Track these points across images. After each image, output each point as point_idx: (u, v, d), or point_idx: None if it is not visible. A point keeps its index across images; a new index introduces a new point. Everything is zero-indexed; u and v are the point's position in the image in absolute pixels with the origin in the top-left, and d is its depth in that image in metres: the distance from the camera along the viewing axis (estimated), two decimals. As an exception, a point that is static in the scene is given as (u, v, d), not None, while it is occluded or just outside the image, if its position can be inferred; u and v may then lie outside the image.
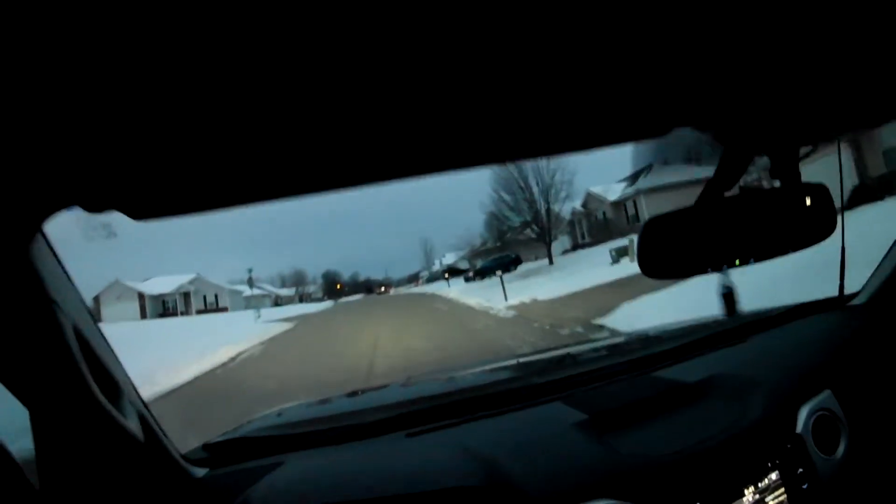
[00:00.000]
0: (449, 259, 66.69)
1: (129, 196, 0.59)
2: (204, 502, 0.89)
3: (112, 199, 0.59)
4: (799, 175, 0.82)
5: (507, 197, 28.87)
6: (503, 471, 0.84)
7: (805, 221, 0.83)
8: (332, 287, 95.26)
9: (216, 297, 47.92)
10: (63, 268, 0.70)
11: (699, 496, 0.83)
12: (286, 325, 21.94)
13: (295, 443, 1.06)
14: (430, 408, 1.12)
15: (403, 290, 59.73)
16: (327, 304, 41.03)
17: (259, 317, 28.80)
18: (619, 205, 33.00)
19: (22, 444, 0.69)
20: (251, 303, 51.57)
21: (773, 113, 0.73)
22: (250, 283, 26.34)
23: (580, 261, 23.53)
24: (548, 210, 27.76)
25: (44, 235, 0.64)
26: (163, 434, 0.86)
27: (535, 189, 27.68)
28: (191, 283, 48.45)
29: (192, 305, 47.29)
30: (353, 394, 1.67)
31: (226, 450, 1.05)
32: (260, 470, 0.94)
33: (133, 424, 0.77)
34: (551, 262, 25.82)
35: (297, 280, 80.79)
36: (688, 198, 0.88)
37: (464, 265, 57.73)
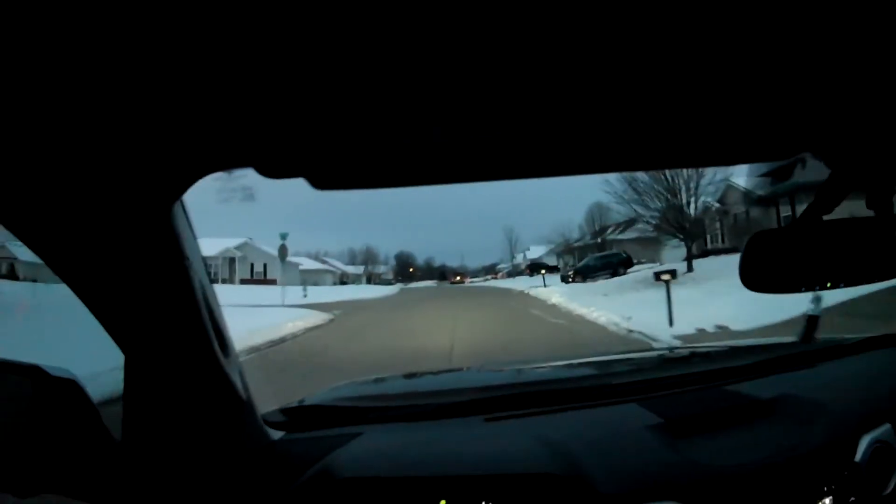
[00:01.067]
0: (534, 253, 59.92)
1: (314, 164, 0.65)
2: (279, 465, 0.90)
3: (296, 165, 0.64)
4: (892, 207, 0.84)
5: (618, 186, 21.42)
6: (577, 462, 0.87)
7: (894, 254, 0.86)
8: (404, 269, 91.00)
9: (265, 266, 42.47)
10: (193, 230, 0.73)
11: None
12: (322, 317, 14.60)
13: (372, 415, 1.07)
14: (508, 395, 1.15)
15: (480, 281, 53.63)
16: (392, 289, 35.52)
17: (305, 296, 24.31)
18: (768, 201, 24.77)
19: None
20: (309, 277, 47.33)
21: (888, 145, 0.76)
22: (282, 253, 20.34)
23: (723, 269, 15.88)
24: (692, 201, 20.16)
25: (181, 200, 0.68)
26: (250, 393, 0.87)
27: (675, 180, 20.00)
28: (238, 248, 43.81)
29: (236, 273, 42.83)
30: (429, 373, 1.77)
31: (303, 416, 1.07)
32: (337, 439, 0.96)
33: (235, 380, 0.81)
34: (690, 269, 18.13)
35: (367, 258, 76.84)
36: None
37: (551, 261, 50.74)
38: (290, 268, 45.63)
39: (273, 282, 36.20)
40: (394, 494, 0.84)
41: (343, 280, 63.78)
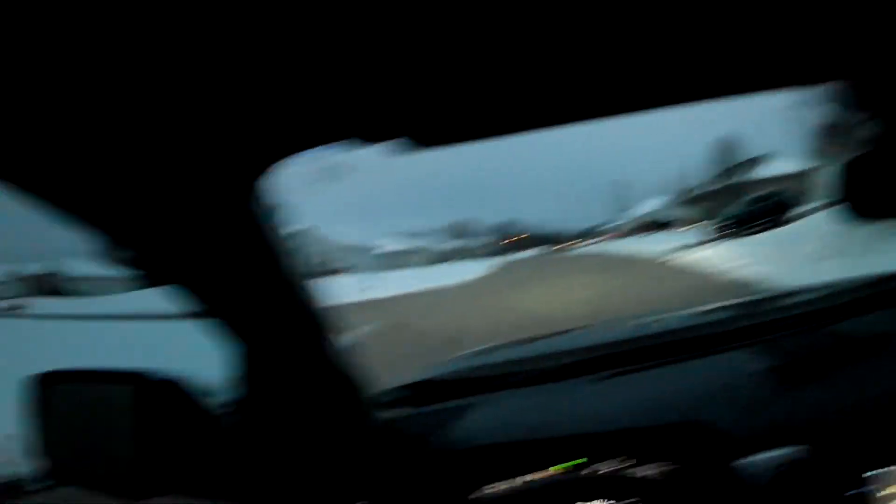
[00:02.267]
0: (647, 207, 52.30)
1: (416, 123, 0.59)
2: (400, 441, 0.90)
3: (398, 126, 0.59)
4: None
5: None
6: (692, 413, 0.86)
7: None
8: (509, 239, 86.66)
9: (324, 258, 37.99)
10: (282, 208, 0.71)
11: (873, 452, 0.80)
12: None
13: (485, 385, 1.07)
14: (617, 353, 1.13)
15: (590, 245, 44.42)
16: (480, 268, 29.48)
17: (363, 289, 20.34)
18: None
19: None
20: (394, 260, 44.01)
21: None
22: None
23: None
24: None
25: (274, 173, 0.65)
26: (364, 372, 0.87)
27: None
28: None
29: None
30: (532, 339, 1.65)
31: (414, 392, 1.08)
32: (451, 412, 0.97)
33: (345, 362, 0.80)
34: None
35: (460, 231, 73.32)
36: None
37: (672, 214, 43.32)
38: (360, 253, 42.50)
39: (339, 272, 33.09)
40: (514, 459, 0.84)
41: (441, 259, 60.85)
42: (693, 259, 13.92)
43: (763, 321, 1.21)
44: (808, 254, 9.62)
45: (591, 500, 0.82)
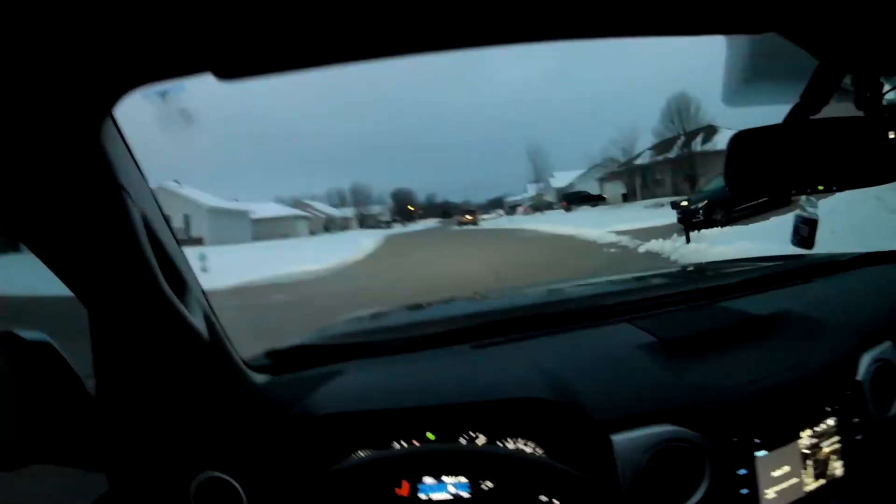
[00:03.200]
0: (561, 180, 48.00)
1: (216, 54, 0.53)
2: (263, 408, 0.89)
3: (199, 59, 0.52)
4: (883, 107, 0.80)
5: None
6: (569, 386, 0.84)
7: (887, 155, 0.80)
8: (402, 208, 79.63)
9: (186, 219, 28.33)
10: (132, 154, 0.66)
11: (759, 432, 0.83)
12: None
13: (358, 351, 1.05)
14: (497, 321, 1.11)
15: (504, 221, 38.15)
16: (370, 243, 22.48)
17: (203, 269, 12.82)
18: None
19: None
20: (275, 227, 35.50)
21: (874, 32, 0.71)
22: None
23: None
24: None
25: (114, 119, 0.60)
26: (227, 338, 0.85)
27: None
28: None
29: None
30: (419, 306, 1.60)
31: (288, 357, 1.03)
32: (321, 377, 0.94)
33: (199, 324, 0.75)
34: None
35: (358, 198, 64.96)
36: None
37: (590, 188, 39.04)
38: (233, 218, 33.31)
39: (200, 242, 24.05)
40: (378, 427, 0.83)
41: (327, 226, 52.50)
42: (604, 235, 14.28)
43: (653, 296, 1.20)
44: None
45: (450, 474, 0.80)
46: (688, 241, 10.01)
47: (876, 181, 0.82)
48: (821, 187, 0.81)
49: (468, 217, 43.04)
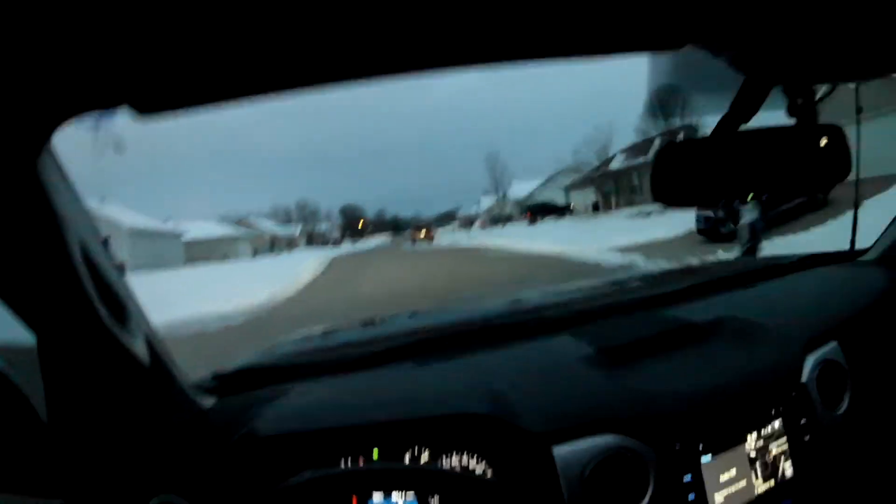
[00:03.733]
0: (520, 190, 45.98)
1: (137, 89, 0.55)
2: (210, 431, 0.89)
3: (120, 92, 0.54)
4: (815, 115, 0.82)
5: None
6: (509, 400, 0.85)
7: (819, 163, 0.82)
8: (352, 225, 76.23)
9: (106, 242, 23.88)
10: (69, 183, 0.66)
11: (703, 437, 0.85)
12: None
13: (303, 371, 1.05)
14: (438, 337, 1.13)
15: (462, 237, 33.30)
16: (313, 266, 19.30)
17: None
18: None
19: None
20: (212, 249, 31.56)
21: (798, 43, 0.72)
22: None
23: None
24: None
25: (50, 147, 0.60)
26: (171, 362, 0.85)
27: None
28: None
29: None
30: (362, 323, 1.61)
31: (234, 379, 1.03)
32: (267, 398, 0.94)
33: (140, 349, 0.76)
34: None
35: (305, 215, 61.11)
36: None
37: (554, 198, 37.36)
38: (160, 240, 28.99)
39: (119, 267, 19.78)
40: (326, 446, 0.84)
41: (272, 245, 48.51)
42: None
43: (595, 306, 1.21)
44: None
45: (399, 489, 0.82)
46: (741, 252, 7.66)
47: (808, 189, 0.85)
48: (750, 195, 0.83)
49: (422, 233, 35.64)
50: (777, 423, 0.89)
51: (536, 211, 34.41)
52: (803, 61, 0.76)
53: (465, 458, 0.84)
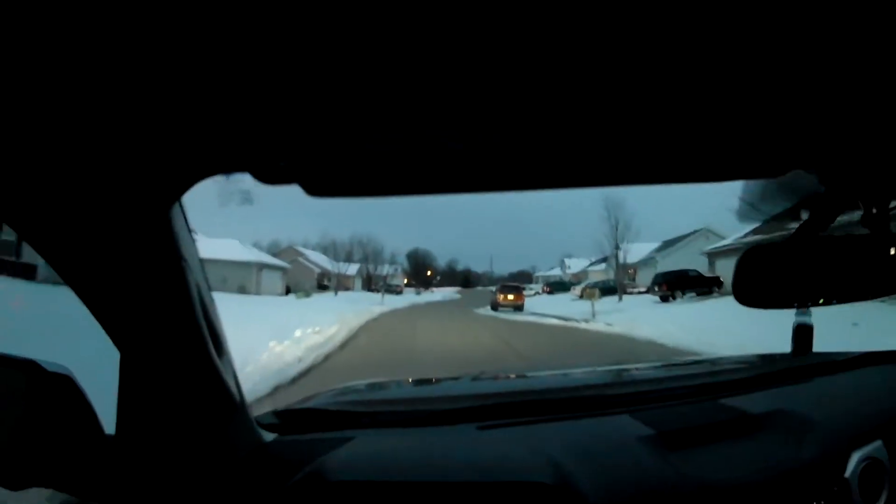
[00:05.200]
0: (634, 252, 36.57)
1: (308, 171, 0.69)
2: (269, 466, 0.91)
3: (291, 172, 0.68)
4: (889, 225, 0.87)
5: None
6: (570, 473, 0.87)
7: (889, 270, 0.87)
8: (419, 272, 68.84)
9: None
10: (191, 229, 0.76)
11: None
12: None
13: (365, 420, 1.08)
14: (501, 403, 1.14)
15: (546, 303, 25.56)
16: (364, 314, 14.27)
17: None
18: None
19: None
20: (213, 276, 24.42)
21: (882, 162, 0.80)
22: None
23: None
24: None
25: (181, 201, 0.71)
26: (243, 394, 0.90)
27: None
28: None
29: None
30: (425, 381, 1.69)
31: (296, 418, 1.07)
32: (329, 442, 0.96)
33: (230, 381, 0.83)
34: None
35: (367, 253, 53.92)
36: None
37: (692, 267, 27.44)
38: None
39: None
40: (383, 499, 0.86)
41: (322, 283, 41.25)
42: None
43: (654, 389, 1.23)
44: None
45: None
46: None
47: (876, 295, 0.88)
48: (821, 300, 0.87)
49: (509, 297, 22.29)
50: None
51: (675, 283, 23.76)
52: (882, 177, 0.81)
53: None
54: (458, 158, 0.69)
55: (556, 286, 40.92)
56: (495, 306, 21.94)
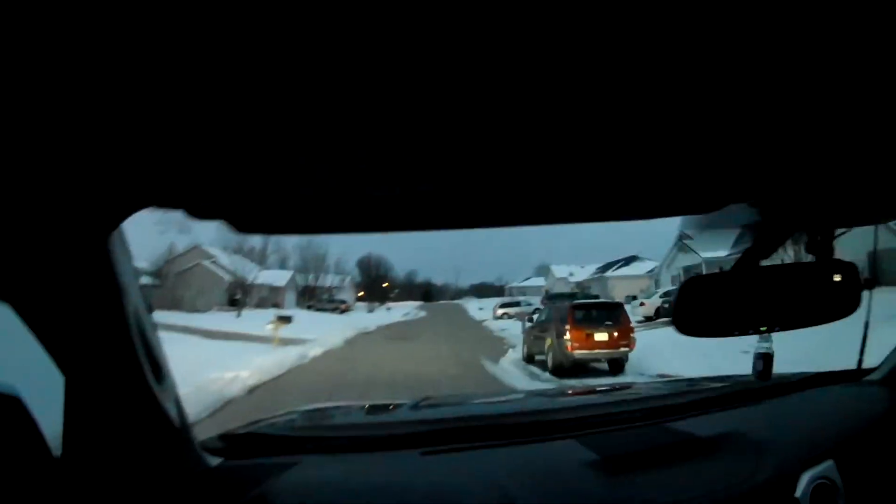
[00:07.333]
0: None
1: (237, 210, 0.70)
2: (215, 491, 0.91)
3: (220, 209, 0.70)
4: (832, 252, 0.88)
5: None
6: (514, 498, 0.87)
7: (833, 297, 0.88)
8: (373, 284, 57.54)
9: None
10: (131, 257, 0.78)
11: None
12: None
13: (311, 445, 1.07)
14: (446, 429, 1.16)
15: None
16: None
17: None
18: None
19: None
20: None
21: (821, 194, 0.81)
22: None
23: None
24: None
25: (120, 228, 0.73)
26: (187, 419, 0.90)
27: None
28: None
29: None
30: (372, 406, 1.64)
31: (241, 443, 1.07)
32: (274, 467, 0.96)
33: (170, 405, 0.83)
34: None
35: (309, 261, 42.34)
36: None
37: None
38: None
39: None
40: None
41: (233, 298, 29.55)
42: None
43: (601, 413, 1.23)
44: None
45: None
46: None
47: (819, 321, 0.88)
48: (763, 328, 0.86)
49: (596, 334, 8.63)
50: None
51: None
52: (825, 208, 0.82)
53: None
54: (390, 200, 0.70)
55: (558, 299, 29.87)
56: (553, 362, 9.04)
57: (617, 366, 8.77)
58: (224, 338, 13.07)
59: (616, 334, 8.59)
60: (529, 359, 10.17)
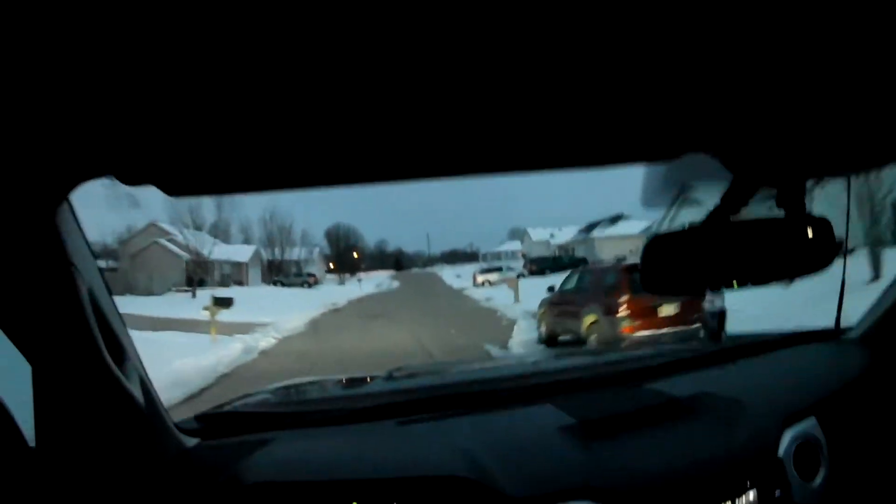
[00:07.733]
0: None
1: (165, 172, 0.66)
2: (192, 471, 0.92)
3: (148, 173, 0.65)
4: (804, 207, 0.85)
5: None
6: (489, 466, 0.87)
7: (805, 252, 0.86)
8: (343, 255, 55.51)
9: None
10: (83, 234, 0.75)
11: None
12: None
13: (286, 421, 1.07)
14: (421, 399, 1.15)
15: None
16: None
17: None
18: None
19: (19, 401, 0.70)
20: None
21: (787, 145, 0.78)
22: None
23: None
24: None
25: (69, 202, 0.70)
26: (160, 401, 0.89)
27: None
28: None
29: None
30: (346, 380, 1.67)
31: (217, 422, 1.06)
32: (250, 445, 0.96)
33: (135, 388, 0.81)
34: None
35: (273, 233, 39.92)
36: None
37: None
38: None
39: None
40: (304, 498, 0.85)
41: (191, 277, 27.28)
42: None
43: (575, 377, 1.23)
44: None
45: None
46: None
47: (791, 277, 0.86)
48: (735, 284, 0.84)
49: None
50: (752, 495, 0.89)
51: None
52: (792, 159, 0.79)
53: None
54: (338, 148, 0.65)
55: (542, 263, 28.05)
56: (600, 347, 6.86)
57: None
58: (151, 327, 10.14)
59: (687, 305, 6.07)
60: (551, 340, 8.11)
